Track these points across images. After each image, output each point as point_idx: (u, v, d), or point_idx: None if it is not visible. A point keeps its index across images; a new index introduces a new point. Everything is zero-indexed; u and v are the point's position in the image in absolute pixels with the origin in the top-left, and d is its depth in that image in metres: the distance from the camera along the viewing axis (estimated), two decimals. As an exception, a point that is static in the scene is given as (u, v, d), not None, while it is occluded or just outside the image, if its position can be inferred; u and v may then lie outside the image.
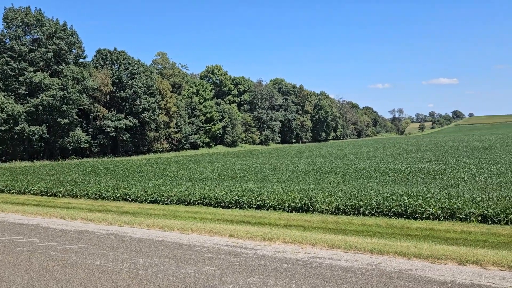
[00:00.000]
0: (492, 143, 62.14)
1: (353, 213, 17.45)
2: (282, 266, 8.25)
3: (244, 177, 30.02)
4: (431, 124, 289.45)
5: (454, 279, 7.12)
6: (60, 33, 61.40)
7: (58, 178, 31.42)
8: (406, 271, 7.66)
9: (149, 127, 75.28)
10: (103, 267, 8.62)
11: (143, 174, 34.56)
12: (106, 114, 69.27)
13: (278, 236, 10.83)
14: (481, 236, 13.50)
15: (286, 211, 18.53)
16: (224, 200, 20.07)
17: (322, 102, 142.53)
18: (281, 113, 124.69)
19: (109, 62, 73.29)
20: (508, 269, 7.61)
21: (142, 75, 74.21)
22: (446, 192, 19.12)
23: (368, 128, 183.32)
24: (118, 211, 19.15)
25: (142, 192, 22.60)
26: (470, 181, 23.68)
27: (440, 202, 16.40)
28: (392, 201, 17.20)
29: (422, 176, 26.89)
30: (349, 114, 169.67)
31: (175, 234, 12.21)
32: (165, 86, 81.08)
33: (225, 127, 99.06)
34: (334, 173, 31.02)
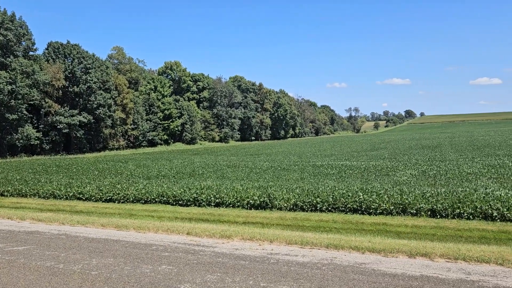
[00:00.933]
0: (441, 142, 65.25)
1: (310, 209, 17.78)
2: (240, 263, 8.26)
3: (203, 175, 29.81)
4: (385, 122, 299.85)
5: (405, 271, 7.41)
6: (8, 24, 58.15)
7: (5, 177, 29.81)
8: (360, 265, 7.89)
9: (105, 123, 72.99)
10: (54, 269, 8.27)
11: (98, 172, 33.49)
12: (58, 109, 66.44)
13: (237, 233, 10.84)
14: (431, 229, 14.17)
15: (245, 208, 18.59)
16: (183, 198, 19.85)
17: (281, 100, 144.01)
18: (240, 111, 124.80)
19: (61, 56, 70.30)
20: (454, 261, 8.02)
21: (97, 70, 71.78)
22: (399, 188, 19.88)
23: (325, 126, 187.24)
24: (71, 210, 18.45)
25: (97, 191, 21.90)
26: (421, 178, 24.75)
27: (393, 198, 17.03)
28: (348, 197, 17.67)
29: (376, 173, 27.80)
30: (308, 112, 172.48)
31: (131, 233, 11.92)
32: (122, 82, 78.88)
33: (184, 124, 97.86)
34: (293, 171, 31.45)
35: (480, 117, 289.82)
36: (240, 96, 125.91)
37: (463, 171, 26.23)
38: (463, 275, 7.20)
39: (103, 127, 73.37)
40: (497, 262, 7.79)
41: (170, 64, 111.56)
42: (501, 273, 7.27)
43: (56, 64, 67.30)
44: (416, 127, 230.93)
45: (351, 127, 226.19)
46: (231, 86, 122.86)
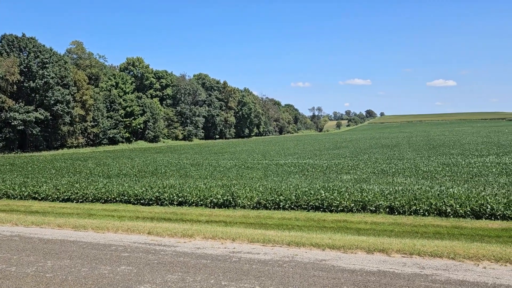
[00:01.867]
0: (400, 141, 67.49)
1: (273, 207, 17.91)
2: (202, 262, 8.21)
3: (166, 173, 29.37)
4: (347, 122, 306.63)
5: (363, 267, 7.62)
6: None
7: (-47, 176, 28.16)
8: (320, 262, 8.03)
9: (63, 120, 70.35)
10: (5, 272, 7.89)
11: (55, 170, 32.27)
12: (12, 105, 63.40)
13: (199, 232, 10.75)
14: (389, 226, 14.62)
15: (208, 207, 18.49)
16: (144, 197, 19.48)
17: (245, 98, 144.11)
18: (204, 109, 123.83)
19: (16, 49, 67.10)
20: (409, 256, 8.32)
21: (55, 65, 69.06)
22: (359, 186, 20.39)
23: (289, 125, 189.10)
24: (25, 210, 17.67)
25: (54, 190, 21.10)
26: (380, 176, 25.49)
27: (354, 196, 17.43)
28: (310, 195, 17.93)
29: (338, 171, 28.37)
30: (272, 111, 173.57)
31: (89, 234, 11.56)
32: (81, 77, 76.28)
33: (147, 122, 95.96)
34: (256, 169, 31.56)
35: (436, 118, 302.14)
36: (204, 94, 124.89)
37: (419, 169, 27.23)
38: (418, 269, 7.48)
39: (61, 124, 70.70)
40: (449, 256, 8.14)
41: (132, 60, 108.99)
42: (453, 267, 7.61)
43: (11, 57, 64.16)
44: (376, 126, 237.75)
45: (314, 126, 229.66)
46: (195, 84, 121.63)
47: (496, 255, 7.99)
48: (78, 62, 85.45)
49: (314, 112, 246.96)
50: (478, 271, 7.30)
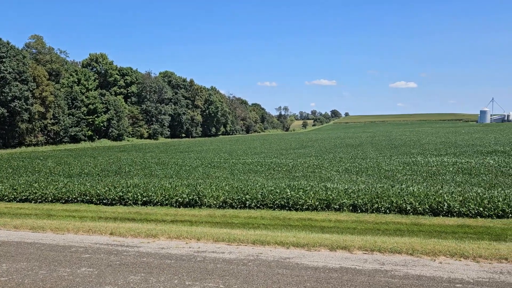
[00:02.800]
0: (363, 140, 69.15)
1: (239, 206, 17.94)
2: (166, 262, 8.11)
3: (130, 173, 28.80)
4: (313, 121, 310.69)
5: (326, 264, 7.77)
6: None
7: None
8: (285, 260, 8.12)
9: (21, 117, 67.45)
10: (-44, 277, 7.49)
11: (12, 170, 30.93)
12: (-35, 101, 60.28)
13: (163, 232, 10.61)
14: (352, 224, 14.97)
15: (173, 206, 18.30)
16: (107, 196, 19.04)
17: (212, 97, 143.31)
18: (170, 107, 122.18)
19: (-30, 42, 63.81)
20: (370, 252, 8.56)
21: (12, 59, 66.12)
22: (324, 185, 20.74)
23: (256, 124, 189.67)
24: (-21, 212, 16.84)
25: (10, 190, 20.25)
26: (344, 174, 26.04)
27: (318, 194, 17.72)
28: (276, 194, 18.08)
29: (303, 170, 28.74)
30: (239, 110, 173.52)
31: (48, 235, 11.16)
32: (41, 73, 73.41)
33: (110, 120, 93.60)
34: (223, 168, 31.48)
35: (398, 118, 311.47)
36: (170, 92, 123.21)
37: (381, 168, 28.01)
38: (378, 265, 7.70)
39: (19, 121, 67.78)
40: (408, 252, 8.43)
41: (95, 56, 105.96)
42: (411, 262, 7.88)
43: (-37, 51, 60.96)
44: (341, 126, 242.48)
45: (280, 126, 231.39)
46: (161, 82, 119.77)
47: (451, 251, 8.35)
48: (38, 57, 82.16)
49: (281, 111, 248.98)
50: (434, 266, 7.60)
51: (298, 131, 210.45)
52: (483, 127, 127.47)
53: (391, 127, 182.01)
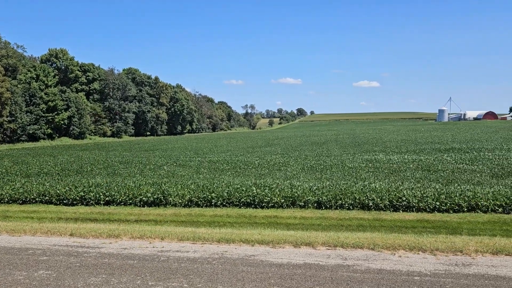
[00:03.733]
0: (328, 138, 70.33)
1: (205, 205, 17.85)
2: (128, 262, 7.94)
3: (92, 172, 28.01)
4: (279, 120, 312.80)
5: (290, 260, 7.85)
6: None
7: None
8: (250, 257, 8.14)
9: (-26, 115, 64.20)
10: None
11: (-36, 170, 29.36)
12: None
13: (126, 232, 10.39)
14: (316, 220, 15.21)
15: (137, 206, 17.98)
16: (68, 197, 18.46)
17: (178, 95, 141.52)
18: (135, 104, 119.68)
19: None
20: (333, 248, 8.72)
21: (-35, 53, 62.73)
22: (289, 182, 20.95)
23: (222, 122, 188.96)
24: None
25: (-38, 191, 19.21)
26: (309, 172, 26.39)
27: (284, 192, 17.88)
28: (242, 192, 18.11)
29: (269, 168, 28.91)
30: (205, 108, 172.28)
31: (3, 238, 10.67)
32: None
33: (71, 118, 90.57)
34: (189, 166, 31.19)
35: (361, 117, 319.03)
36: (134, 89, 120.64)
37: (345, 165, 28.59)
38: (341, 260, 7.86)
39: (-28, 118, 64.49)
40: (369, 247, 8.65)
41: (55, 51, 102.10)
42: (372, 256, 8.10)
43: None
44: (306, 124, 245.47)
45: (247, 124, 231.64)
46: (124, 79, 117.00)
47: (410, 244, 8.64)
48: (-8, 52, 78.34)
49: (247, 109, 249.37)
50: (394, 259, 7.84)
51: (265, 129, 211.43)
52: (441, 125, 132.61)
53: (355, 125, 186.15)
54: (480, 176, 22.03)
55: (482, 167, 25.38)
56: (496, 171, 23.55)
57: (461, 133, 69.76)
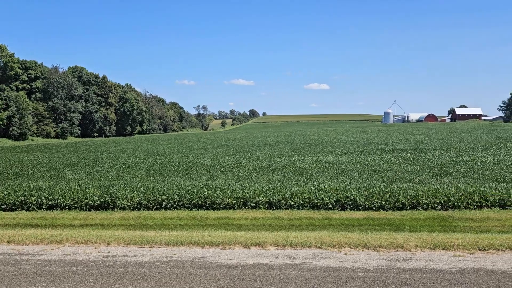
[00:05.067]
0: (280, 139, 71.30)
1: (155, 207, 17.54)
2: (71, 269, 7.61)
3: (34, 175, 26.62)
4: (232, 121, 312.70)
5: (239, 261, 7.88)
6: None
7: None
8: (199, 259, 8.07)
9: None
10: None
11: None
12: None
13: (69, 238, 9.94)
14: (267, 220, 15.38)
15: (83, 210, 17.34)
16: (6, 201, 17.46)
17: (127, 94, 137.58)
18: (81, 104, 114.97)
19: None
20: (282, 247, 8.86)
21: None
22: (241, 183, 21.02)
23: (174, 123, 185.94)
24: None
25: None
26: (261, 173, 26.63)
27: (235, 193, 17.92)
28: (193, 194, 17.96)
29: (221, 169, 28.85)
30: (156, 108, 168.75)
31: None
32: None
33: (11, 118, 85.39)
34: (138, 168, 30.50)
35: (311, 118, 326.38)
36: (81, 89, 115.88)
37: (296, 166, 29.13)
38: (289, 259, 8.00)
39: None
40: (317, 245, 8.87)
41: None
42: (319, 255, 8.31)
43: None
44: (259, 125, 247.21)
45: (199, 125, 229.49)
46: (70, 77, 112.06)
47: (356, 242, 8.95)
48: None
49: (199, 110, 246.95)
50: (340, 257, 8.09)
51: (217, 130, 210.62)
52: (387, 127, 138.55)
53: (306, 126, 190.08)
54: (421, 175, 23.25)
55: (423, 166, 26.80)
56: (436, 170, 24.96)
57: (405, 135, 73.28)
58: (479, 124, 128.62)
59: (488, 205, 15.90)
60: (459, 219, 14.57)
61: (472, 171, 24.19)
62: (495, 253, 8.18)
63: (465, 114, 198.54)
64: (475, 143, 46.81)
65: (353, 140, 61.77)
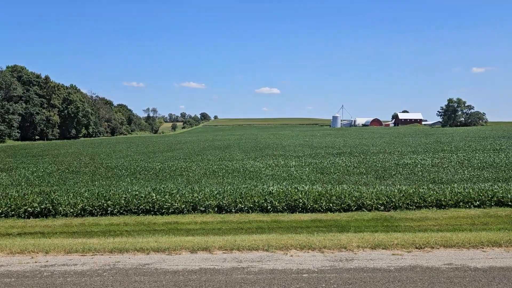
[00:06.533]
0: (231, 143, 71.28)
1: (101, 213, 16.98)
2: (4, 281, 7.15)
3: (-35, 181, 24.77)
4: (183, 124, 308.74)
5: (186, 267, 7.78)
6: None
7: None
8: (144, 266, 7.88)
9: None
10: None
11: None
12: None
13: (4, 248, 9.35)
14: (217, 224, 15.32)
15: (22, 217, 16.48)
16: None
17: (72, 96, 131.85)
18: (21, 106, 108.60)
19: None
20: (230, 251, 8.86)
21: None
22: (190, 187, 20.79)
23: (122, 126, 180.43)
24: None
25: None
26: (211, 176, 26.49)
27: (185, 197, 17.70)
28: (141, 199, 17.55)
29: (171, 173, 28.39)
30: (103, 110, 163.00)
31: None
32: None
33: None
34: (83, 173, 29.35)
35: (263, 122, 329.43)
36: (20, 89, 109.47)
37: (246, 169, 29.26)
38: (236, 263, 8.01)
39: None
40: (264, 248, 8.96)
41: None
42: (266, 257, 8.40)
43: None
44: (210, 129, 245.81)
45: (149, 128, 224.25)
46: (8, 77, 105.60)
47: (302, 244, 9.14)
48: None
49: (149, 113, 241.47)
50: (286, 259, 8.23)
51: (168, 133, 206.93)
52: (335, 131, 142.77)
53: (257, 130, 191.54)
54: (366, 177, 24.17)
55: (368, 169, 27.87)
56: (380, 172, 26.05)
57: (351, 139, 75.86)
58: (420, 129, 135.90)
59: (427, 205, 16.82)
60: (400, 219, 15.28)
61: (412, 173, 25.48)
62: (430, 251, 8.67)
63: (407, 119, 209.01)
64: (416, 146, 49.38)
65: (302, 143, 63.04)
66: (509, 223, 14.32)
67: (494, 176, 23.37)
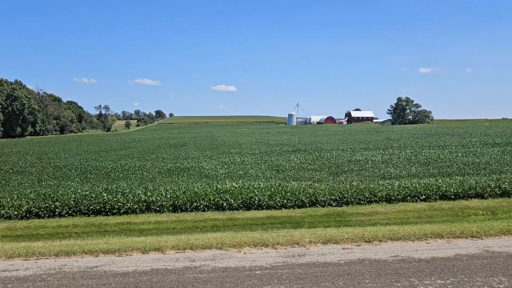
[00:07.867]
0: (187, 141, 70.41)
1: (48, 215, 16.34)
2: None
3: None
4: (137, 122, 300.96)
5: (136, 268, 7.59)
6: None
7: None
8: (92, 269, 7.61)
9: None
10: None
11: None
12: None
13: None
14: (171, 224, 15.09)
15: (-42, 221, 15.34)
16: None
17: (17, 92, 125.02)
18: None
19: None
20: (183, 251, 8.74)
21: None
22: (144, 187, 20.36)
23: (72, 123, 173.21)
24: None
25: None
26: (166, 175, 26.06)
27: (138, 197, 17.30)
28: (92, 199, 17.01)
29: (124, 172, 27.65)
30: (51, 108, 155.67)
31: None
32: None
33: None
34: (29, 173, 28.00)
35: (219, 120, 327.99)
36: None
37: (202, 168, 29.03)
38: (189, 262, 7.92)
39: None
40: (217, 247, 8.92)
41: None
42: (219, 256, 8.37)
43: None
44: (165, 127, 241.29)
45: (101, 126, 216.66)
46: None
47: (255, 241, 9.19)
48: None
49: (101, 110, 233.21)
50: (239, 257, 8.24)
51: (121, 131, 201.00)
52: (290, 128, 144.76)
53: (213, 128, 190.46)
54: (320, 174, 24.70)
55: (322, 166, 28.50)
56: (333, 169, 26.71)
57: (306, 136, 77.26)
58: (371, 126, 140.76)
59: (377, 200, 17.45)
60: (351, 214, 15.75)
61: (364, 169, 26.34)
62: (378, 244, 9.00)
63: (359, 117, 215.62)
64: (367, 143, 51.08)
65: (258, 141, 63.41)
66: (451, 215, 15.16)
67: (438, 171, 24.64)
